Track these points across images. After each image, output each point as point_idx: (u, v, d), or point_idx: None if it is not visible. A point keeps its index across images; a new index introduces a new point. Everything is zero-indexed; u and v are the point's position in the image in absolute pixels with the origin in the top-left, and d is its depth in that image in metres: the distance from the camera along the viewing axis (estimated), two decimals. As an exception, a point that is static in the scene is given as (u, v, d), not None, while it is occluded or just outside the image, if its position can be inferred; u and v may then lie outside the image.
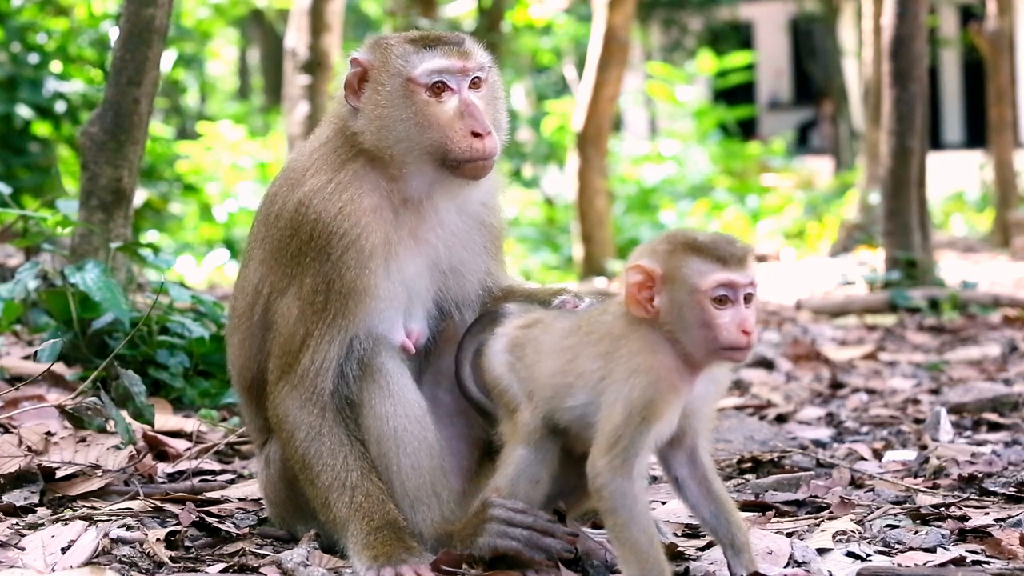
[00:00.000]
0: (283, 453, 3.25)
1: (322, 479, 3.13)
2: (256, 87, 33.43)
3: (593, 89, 15.18)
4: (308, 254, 3.15)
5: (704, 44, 28.15)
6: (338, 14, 13.83)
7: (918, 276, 9.21)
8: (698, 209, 21.19)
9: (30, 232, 5.16)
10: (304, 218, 3.16)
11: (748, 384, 6.19)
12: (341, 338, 3.14)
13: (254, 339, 3.32)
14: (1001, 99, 16.24)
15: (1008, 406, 5.26)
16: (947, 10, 28.81)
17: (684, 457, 2.96)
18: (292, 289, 3.18)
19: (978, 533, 3.35)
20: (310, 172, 3.22)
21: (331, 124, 3.30)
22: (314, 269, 3.14)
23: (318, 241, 3.13)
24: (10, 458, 3.71)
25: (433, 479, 3.14)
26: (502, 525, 2.95)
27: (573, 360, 2.92)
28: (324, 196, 3.16)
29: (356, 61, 3.22)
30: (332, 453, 3.13)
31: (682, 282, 2.79)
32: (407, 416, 3.13)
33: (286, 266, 3.20)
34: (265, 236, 3.28)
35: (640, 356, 2.82)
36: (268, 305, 3.25)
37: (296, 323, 3.16)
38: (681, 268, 2.79)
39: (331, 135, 3.27)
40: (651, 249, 2.86)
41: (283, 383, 3.19)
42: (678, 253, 2.81)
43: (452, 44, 3.19)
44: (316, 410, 3.15)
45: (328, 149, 3.25)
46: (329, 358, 3.13)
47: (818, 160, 27.73)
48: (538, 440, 2.98)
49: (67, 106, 14.00)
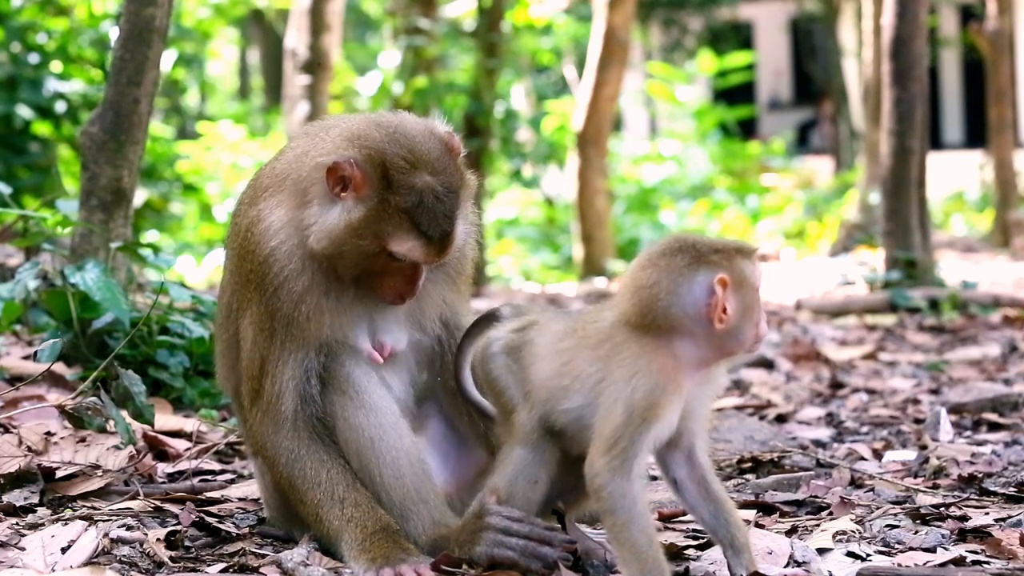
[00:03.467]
0: (270, 475, 3.28)
1: (310, 497, 3.15)
2: (256, 87, 33.44)
3: (593, 89, 15.19)
4: (252, 282, 3.17)
5: (704, 44, 28.15)
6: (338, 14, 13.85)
7: (918, 276, 9.21)
8: (698, 209, 21.21)
9: (30, 232, 5.16)
10: (248, 245, 3.17)
11: (748, 384, 6.19)
12: (293, 359, 3.15)
13: (232, 350, 3.35)
14: (1001, 99, 16.24)
15: (1008, 406, 5.25)
16: (947, 10, 28.81)
17: (682, 458, 2.96)
18: (248, 312, 3.21)
19: (978, 533, 3.35)
20: (265, 195, 3.19)
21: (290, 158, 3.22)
22: (257, 297, 3.17)
23: (256, 274, 3.16)
24: (10, 458, 3.71)
25: (417, 485, 3.14)
26: (498, 534, 2.94)
27: (569, 363, 2.92)
28: (263, 227, 3.15)
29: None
30: (315, 471, 3.14)
31: (749, 285, 2.86)
32: (381, 426, 3.13)
33: (242, 287, 3.23)
34: (229, 250, 3.32)
35: (643, 359, 2.83)
36: (237, 321, 3.28)
37: (252, 348, 3.20)
38: (743, 271, 2.85)
39: (288, 167, 3.20)
40: (700, 255, 2.85)
41: (255, 409, 3.21)
42: (735, 258, 2.86)
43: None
44: (291, 433, 3.16)
45: (282, 176, 3.19)
46: (285, 380, 3.15)
47: (818, 160, 27.74)
48: (536, 441, 2.98)
49: (67, 106, 14.01)
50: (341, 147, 3.10)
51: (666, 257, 2.87)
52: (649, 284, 2.85)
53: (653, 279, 2.85)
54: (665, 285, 2.84)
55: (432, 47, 16.12)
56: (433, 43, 16.12)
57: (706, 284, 2.82)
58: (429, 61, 16.38)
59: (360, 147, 3.08)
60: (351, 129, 3.15)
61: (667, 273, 2.84)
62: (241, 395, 3.31)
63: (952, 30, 28.60)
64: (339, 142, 3.13)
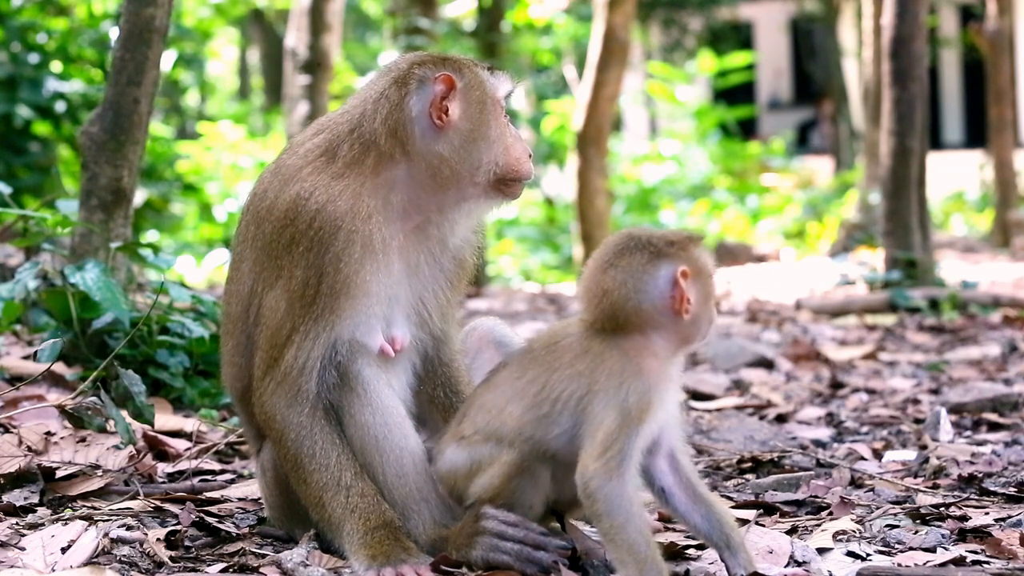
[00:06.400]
0: (274, 452, 3.23)
1: (315, 478, 3.11)
2: (256, 87, 33.44)
3: (593, 89, 15.19)
4: (302, 243, 3.10)
5: (704, 44, 28.15)
6: (338, 14, 13.85)
7: (918, 276, 9.21)
8: (698, 209, 21.21)
9: (30, 232, 5.16)
10: (303, 209, 3.10)
11: (748, 384, 6.19)
12: (325, 336, 3.10)
13: (248, 344, 3.27)
14: (1001, 99, 16.25)
15: (1008, 406, 5.26)
16: (947, 10, 28.81)
17: (666, 465, 2.97)
18: (281, 282, 3.14)
19: (978, 533, 3.35)
20: (307, 170, 3.17)
21: (334, 129, 3.23)
22: (307, 261, 3.09)
23: (318, 232, 3.09)
24: (10, 458, 3.71)
25: (419, 485, 3.13)
26: (494, 539, 2.96)
27: (542, 390, 2.92)
28: (329, 192, 3.11)
29: (446, 79, 3.17)
30: (325, 452, 3.11)
31: (706, 272, 2.95)
32: (386, 424, 3.12)
33: (277, 258, 3.14)
34: (256, 234, 3.22)
35: (629, 364, 2.86)
36: (260, 303, 3.21)
37: (284, 317, 3.12)
38: (699, 260, 2.93)
39: (333, 139, 3.20)
40: (658, 250, 2.90)
41: (268, 379, 3.15)
42: (689, 248, 2.93)
43: (504, 70, 3.40)
44: (306, 409, 3.12)
45: (328, 150, 3.19)
46: (313, 358, 3.10)
47: (818, 160, 27.74)
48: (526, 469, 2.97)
49: (67, 106, 14.02)
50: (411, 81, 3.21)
51: (625, 256, 2.92)
52: (616, 286, 2.90)
53: (619, 280, 2.90)
54: (632, 284, 2.89)
55: (432, 47, 16.12)
56: (433, 43, 16.12)
57: (669, 277, 2.88)
58: (429, 61, 16.35)
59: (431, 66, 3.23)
60: (391, 75, 3.26)
61: (630, 272, 2.89)
62: (247, 396, 3.28)
63: (952, 30, 28.60)
64: (405, 71, 3.23)
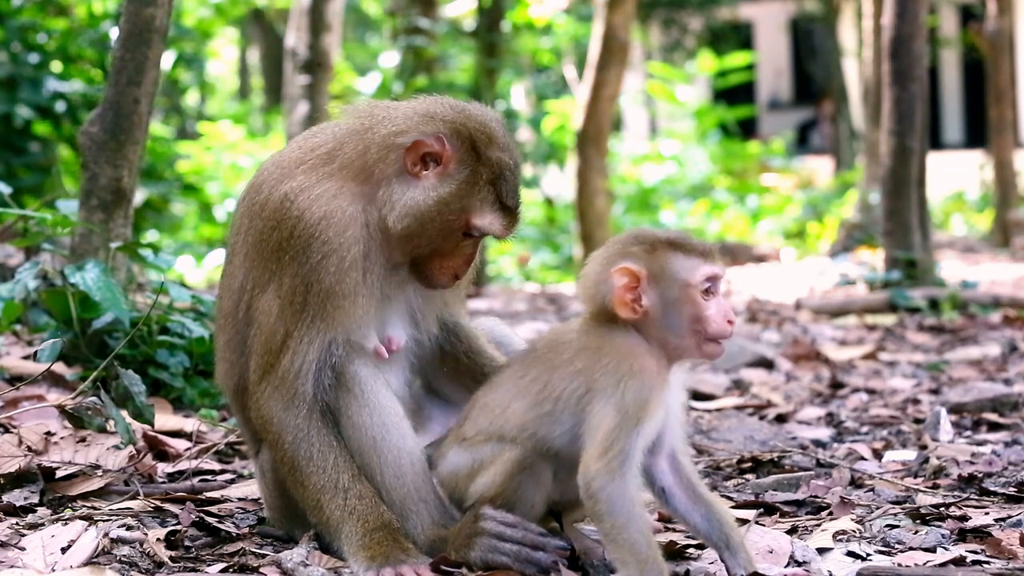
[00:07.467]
0: (271, 455, 3.22)
1: (312, 481, 3.10)
2: (256, 87, 33.44)
3: (593, 89, 15.18)
4: (288, 251, 3.08)
5: (704, 44, 28.16)
6: (338, 14, 13.84)
7: (918, 276, 9.21)
8: (698, 209, 21.21)
9: (30, 232, 5.16)
10: (287, 213, 3.08)
11: (748, 384, 6.19)
12: (320, 339, 3.09)
13: (240, 340, 3.25)
14: (1001, 99, 16.25)
15: (1008, 406, 5.25)
16: (947, 10, 28.80)
17: (666, 465, 2.96)
18: (272, 285, 3.12)
19: (978, 533, 3.35)
20: (301, 168, 3.15)
21: (337, 135, 3.20)
22: (293, 269, 3.08)
23: (298, 240, 3.07)
24: (10, 458, 3.71)
25: (417, 485, 3.13)
26: (493, 539, 2.96)
27: (544, 388, 2.92)
28: (311, 196, 3.08)
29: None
30: (322, 455, 3.10)
31: (672, 278, 2.86)
32: (384, 425, 3.11)
33: (267, 260, 3.13)
34: (248, 227, 3.20)
35: (626, 360, 2.84)
36: (251, 302, 3.19)
37: (276, 321, 3.11)
38: (668, 265, 2.85)
39: (336, 143, 3.17)
40: (623, 251, 2.89)
41: (264, 383, 3.14)
42: (660, 252, 2.87)
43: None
44: (303, 412, 3.11)
45: (326, 151, 3.17)
46: (308, 361, 3.10)
47: (818, 160, 27.74)
48: (528, 467, 2.96)
49: (67, 106, 14.01)
50: (419, 124, 3.10)
51: (605, 248, 2.93)
52: (586, 275, 2.93)
53: (588, 270, 2.93)
54: (593, 275, 2.91)
55: (432, 47, 16.12)
56: (433, 43, 16.12)
57: (619, 275, 2.86)
58: (429, 61, 16.39)
59: (443, 122, 3.09)
60: (420, 108, 3.15)
61: (596, 264, 2.91)
62: (241, 394, 3.28)
63: (952, 30, 28.60)
64: (415, 120, 3.11)
